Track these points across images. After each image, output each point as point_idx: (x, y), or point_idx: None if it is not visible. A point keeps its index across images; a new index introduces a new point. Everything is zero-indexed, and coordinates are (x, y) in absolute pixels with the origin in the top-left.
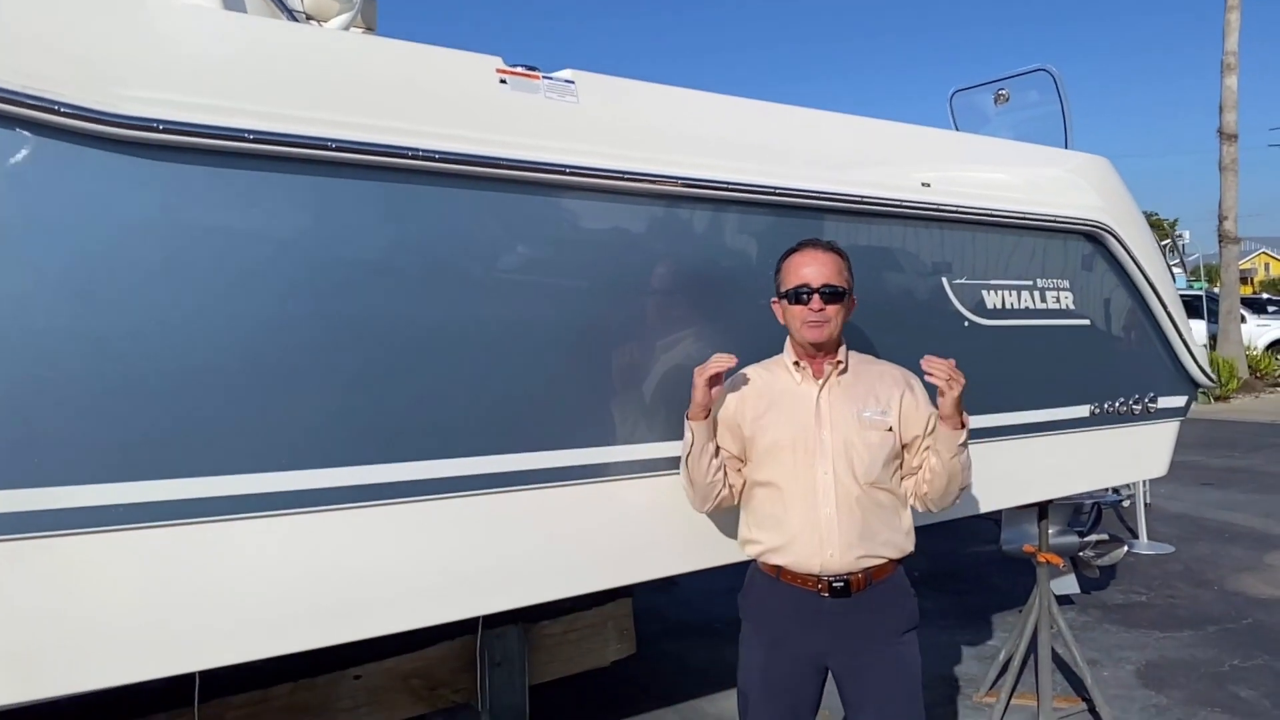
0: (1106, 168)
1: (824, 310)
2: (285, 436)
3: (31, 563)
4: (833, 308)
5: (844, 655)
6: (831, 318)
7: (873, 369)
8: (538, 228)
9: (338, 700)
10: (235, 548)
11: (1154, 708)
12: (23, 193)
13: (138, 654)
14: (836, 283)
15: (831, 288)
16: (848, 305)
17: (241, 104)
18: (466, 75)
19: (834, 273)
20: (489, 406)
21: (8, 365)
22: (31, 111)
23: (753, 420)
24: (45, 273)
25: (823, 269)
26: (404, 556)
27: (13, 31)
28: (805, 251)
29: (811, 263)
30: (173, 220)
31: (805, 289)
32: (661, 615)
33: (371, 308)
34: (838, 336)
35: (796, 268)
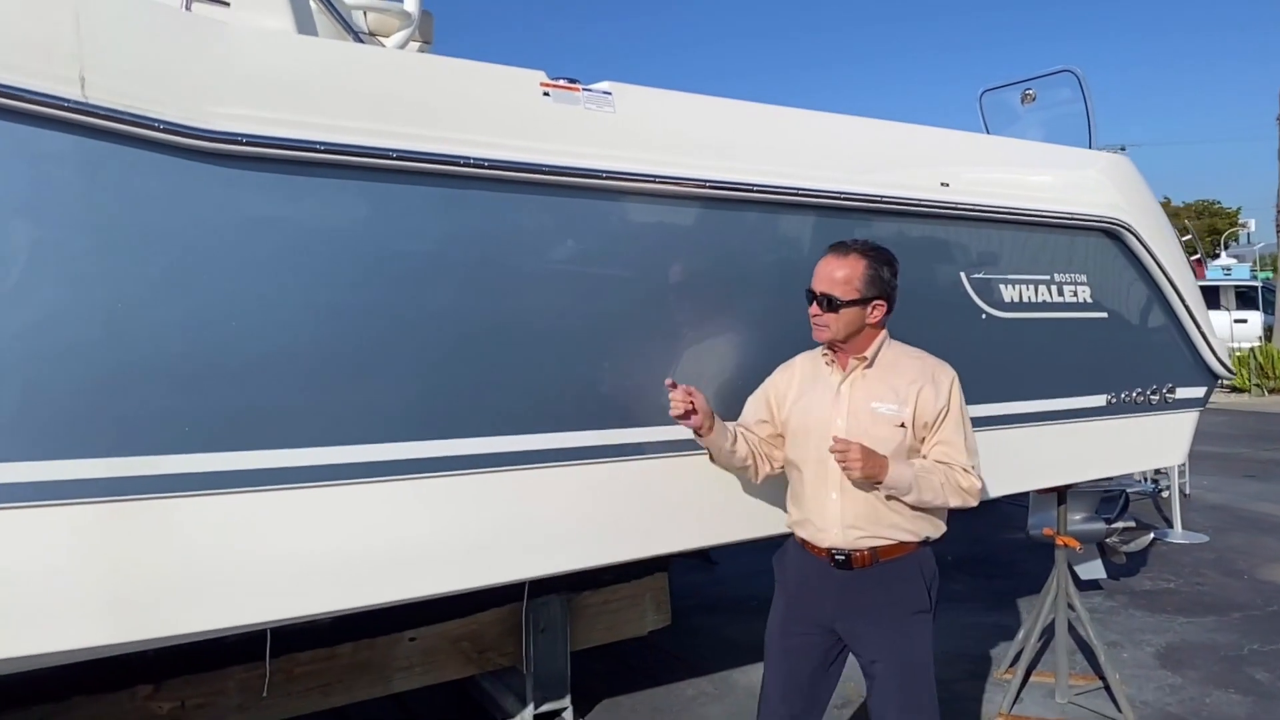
0: (1126, 166)
1: (821, 316)
2: (351, 416)
3: (138, 521)
4: (830, 315)
5: (847, 623)
6: (830, 324)
7: (903, 364)
8: (580, 227)
9: (394, 659)
10: (326, 510)
11: (1169, 687)
12: (130, 200)
13: (229, 604)
14: (834, 292)
15: (827, 296)
16: (859, 311)
17: (313, 118)
18: (513, 89)
19: (837, 281)
20: (536, 391)
21: (120, 353)
22: (134, 128)
23: (791, 403)
24: (148, 268)
25: (828, 276)
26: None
27: (117, 60)
28: (826, 256)
29: (823, 268)
30: (257, 222)
31: (810, 292)
32: (700, 593)
33: (430, 301)
34: (858, 336)
35: (815, 269)
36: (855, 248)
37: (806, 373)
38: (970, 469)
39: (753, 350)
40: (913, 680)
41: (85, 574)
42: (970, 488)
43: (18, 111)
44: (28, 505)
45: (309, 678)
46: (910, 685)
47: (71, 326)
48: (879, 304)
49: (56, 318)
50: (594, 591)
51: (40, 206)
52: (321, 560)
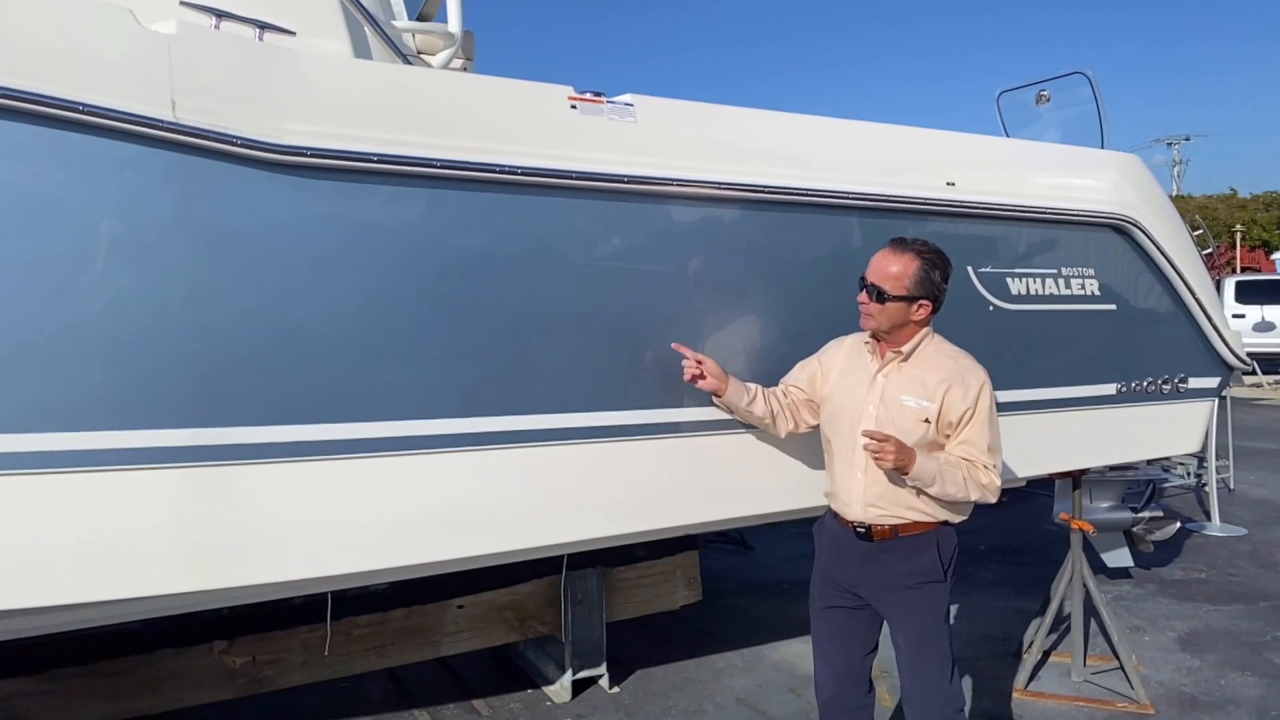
0: (1136, 165)
1: (868, 305)
2: (402, 395)
3: (216, 484)
4: (876, 306)
5: (869, 590)
6: (875, 314)
7: (937, 362)
8: (607, 227)
9: (443, 625)
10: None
11: (1186, 669)
12: (213, 205)
13: (293, 558)
14: (884, 285)
15: (876, 287)
16: (904, 308)
17: (369, 132)
18: (543, 103)
19: (889, 275)
20: (573, 374)
21: (202, 340)
22: (216, 144)
23: (835, 380)
24: (228, 265)
25: (882, 269)
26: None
27: (201, 85)
28: (884, 249)
29: (878, 261)
30: (321, 223)
31: (861, 280)
32: (735, 575)
33: (474, 292)
34: (901, 330)
35: (871, 260)
36: (912, 247)
37: (851, 355)
38: (990, 467)
39: (766, 335)
40: (923, 644)
41: (171, 529)
42: (989, 484)
43: (120, 131)
44: (125, 468)
45: (365, 639)
46: (921, 649)
47: (162, 317)
48: (924, 304)
49: (151, 309)
50: (628, 567)
51: (138, 211)
52: (382, 521)
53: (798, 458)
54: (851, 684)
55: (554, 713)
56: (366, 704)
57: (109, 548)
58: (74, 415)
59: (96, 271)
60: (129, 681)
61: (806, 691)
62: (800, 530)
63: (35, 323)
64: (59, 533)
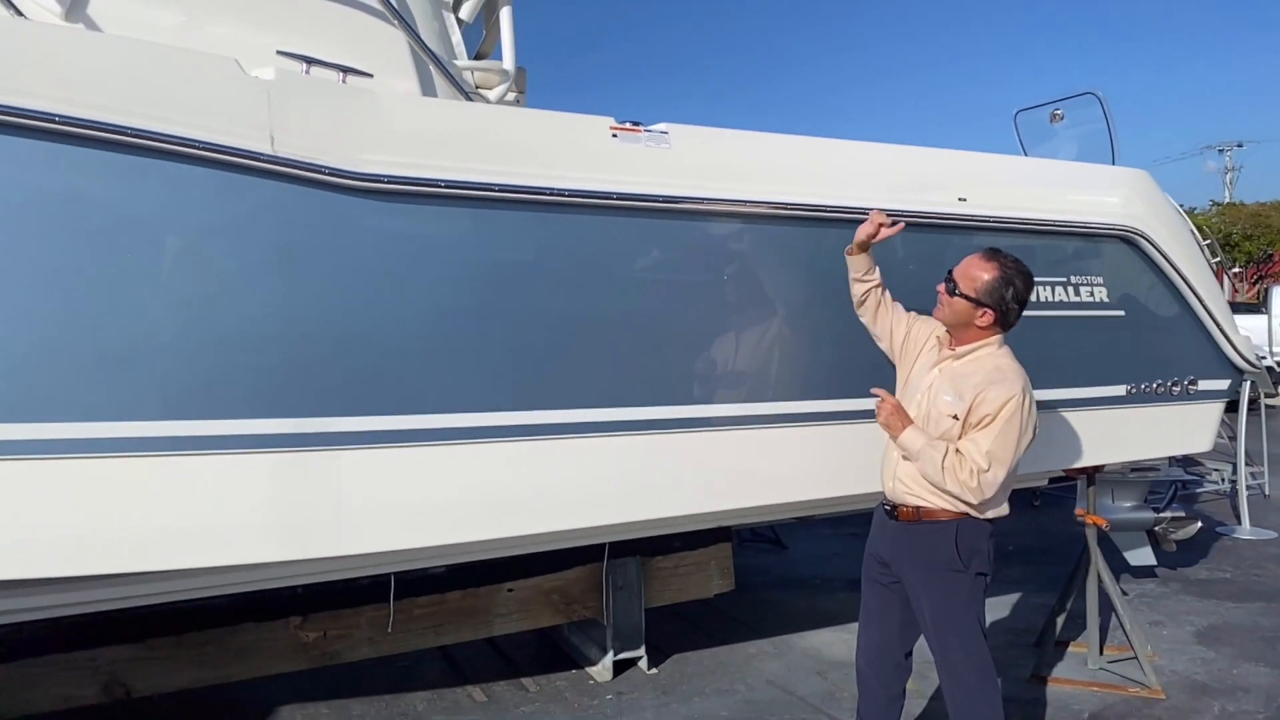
0: (1144, 180)
1: (942, 294)
2: (470, 391)
3: (308, 467)
4: (947, 297)
5: (898, 564)
6: (944, 305)
7: (982, 369)
8: (644, 241)
9: (495, 607)
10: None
11: (1200, 660)
12: (304, 225)
13: (374, 532)
14: (962, 283)
15: (953, 280)
16: (969, 309)
17: (436, 161)
18: (587, 132)
19: (969, 276)
20: (611, 373)
21: (294, 342)
22: (307, 173)
23: (913, 356)
24: (315, 277)
25: (964, 267)
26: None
27: (295, 123)
28: (978, 252)
29: (966, 259)
30: (396, 240)
31: (948, 270)
32: (769, 571)
33: (528, 300)
34: (964, 330)
35: (964, 258)
36: (998, 258)
37: (931, 340)
38: (980, 470)
39: (789, 339)
40: (941, 630)
41: (267, 506)
42: (967, 482)
43: (228, 163)
44: (225, 453)
45: (424, 619)
46: (944, 629)
47: (261, 322)
48: (987, 313)
49: (251, 314)
50: (665, 556)
51: (243, 232)
52: (447, 502)
53: (813, 451)
54: (884, 655)
55: (596, 690)
56: (424, 681)
57: (216, 522)
58: (186, 406)
59: (208, 283)
60: (214, 651)
61: (833, 675)
62: (833, 531)
63: (158, 326)
64: (176, 508)
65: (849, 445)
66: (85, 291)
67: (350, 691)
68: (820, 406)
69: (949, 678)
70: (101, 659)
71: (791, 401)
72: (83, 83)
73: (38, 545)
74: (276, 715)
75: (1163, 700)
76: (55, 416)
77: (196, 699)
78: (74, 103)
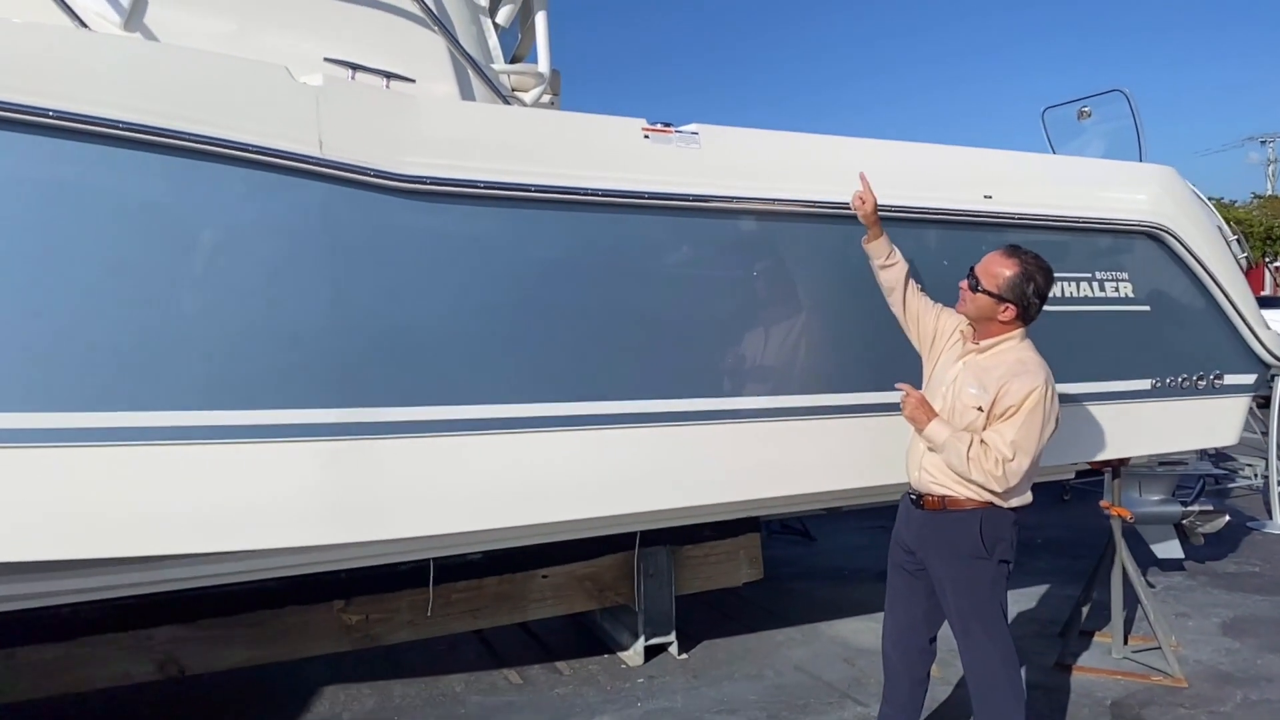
0: (1171, 176)
1: (964, 290)
2: (505, 382)
3: (356, 455)
4: (969, 294)
5: (923, 551)
6: (967, 300)
7: (1005, 363)
8: (675, 238)
9: (530, 592)
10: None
11: (1225, 650)
12: (350, 223)
13: (418, 516)
14: (984, 280)
15: (975, 277)
16: (992, 304)
17: (475, 163)
18: (620, 134)
19: (991, 273)
20: (642, 365)
21: (342, 335)
22: (353, 174)
23: (933, 348)
24: (362, 272)
25: (986, 264)
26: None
27: (342, 127)
28: (998, 249)
29: (988, 257)
30: (437, 237)
31: (970, 267)
32: (798, 563)
33: (562, 295)
34: (986, 324)
35: (985, 255)
36: (1019, 255)
37: (955, 334)
38: (1004, 459)
39: (815, 332)
40: (964, 616)
41: (317, 492)
42: (992, 471)
43: (279, 165)
44: (269, 442)
45: (462, 603)
46: (967, 614)
47: (311, 316)
48: (1009, 308)
49: (303, 309)
50: (695, 545)
51: (294, 231)
52: (485, 489)
53: (839, 443)
54: (909, 639)
55: (628, 674)
56: (462, 663)
57: (269, 506)
58: (243, 396)
59: (261, 280)
60: (263, 632)
61: (860, 662)
62: (860, 524)
63: (218, 322)
64: (233, 492)
65: (874, 437)
66: (157, 291)
67: (391, 673)
68: (846, 399)
69: (972, 662)
70: (157, 638)
71: (818, 394)
72: (143, 90)
73: (107, 526)
74: (320, 695)
75: (1185, 689)
76: (127, 406)
77: (245, 679)
78: (135, 109)
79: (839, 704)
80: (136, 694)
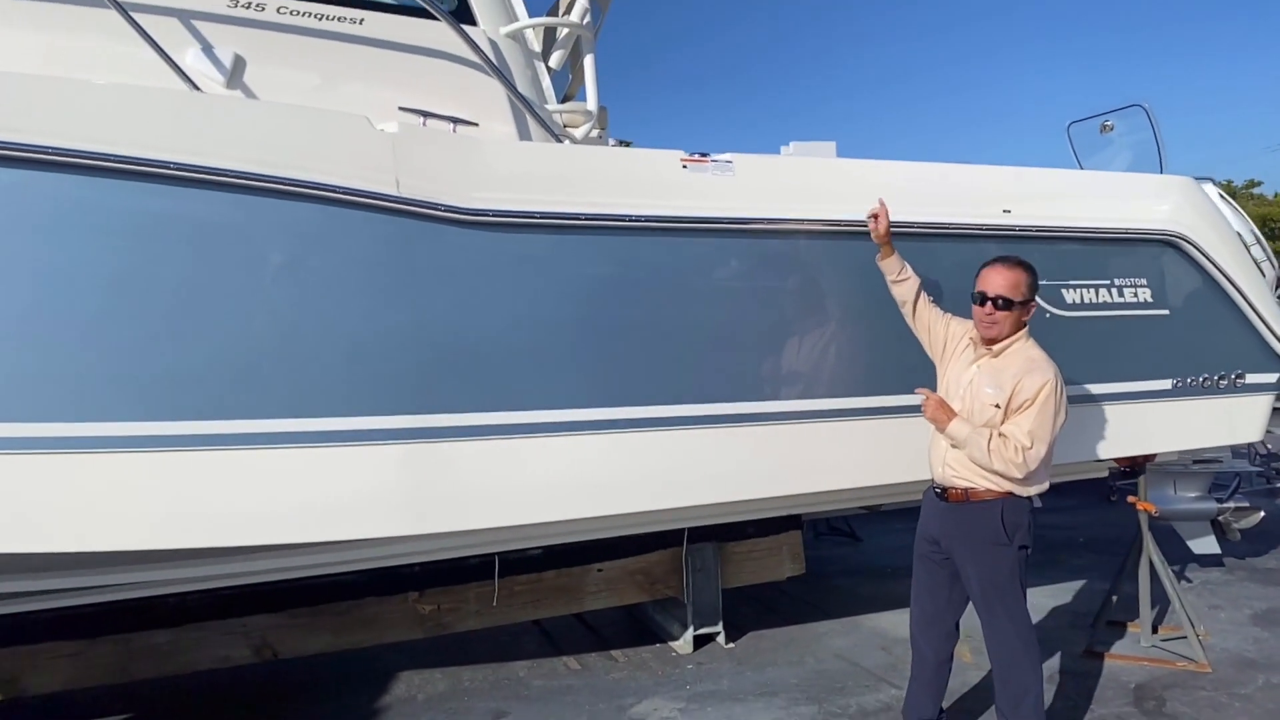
0: (1189, 186)
1: (994, 315)
2: (559, 390)
3: (429, 456)
4: (1001, 314)
5: (948, 542)
6: (1000, 321)
7: (1016, 360)
8: (713, 257)
9: (586, 585)
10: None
11: (1253, 639)
12: (424, 253)
13: (486, 510)
14: (1010, 295)
15: (1004, 299)
16: (1020, 312)
17: (533, 195)
18: (661, 165)
19: (1009, 286)
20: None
21: (417, 351)
22: (426, 210)
23: (944, 355)
24: (434, 296)
25: (1001, 282)
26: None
27: (415, 167)
28: (994, 265)
29: (993, 275)
30: (501, 263)
31: (982, 295)
32: (844, 560)
33: (611, 311)
34: (1010, 331)
35: (984, 277)
36: (1012, 261)
37: (965, 342)
38: (1023, 448)
39: (842, 339)
40: (988, 599)
41: (397, 488)
42: (1014, 459)
43: (361, 204)
44: (356, 445)
45: (524, 595)
46: (991, 598)
47: (388, 336)
48: (1032, 305)
49: (383, 328)
50: (740, 542)
51: (376, 259)
52: (550, 484)
53: (869, 443)
54: (934, 624)
55: (678, 661)
56: (524, 651)
57: (355, 502)
58: (334, 404)
59: (347, 303)
60: (344, 621)
61: (897, 650)
62: (904, 525)
63: (317, 341)
64: (327, 489)
65: (897, 437)
66: (268, 315)
67: (460, 659)
68: (872, 402)
69: (994, 641)
70: (253, 625)
71: (846, 398)
72: (248, 142)
73: (225, 519)
74: (396, 679)
75: (1209, 674)
76: (241, 415)
77: (330, 663)
78: (244, 160)
79: (875, 687)
80: (235, 676)
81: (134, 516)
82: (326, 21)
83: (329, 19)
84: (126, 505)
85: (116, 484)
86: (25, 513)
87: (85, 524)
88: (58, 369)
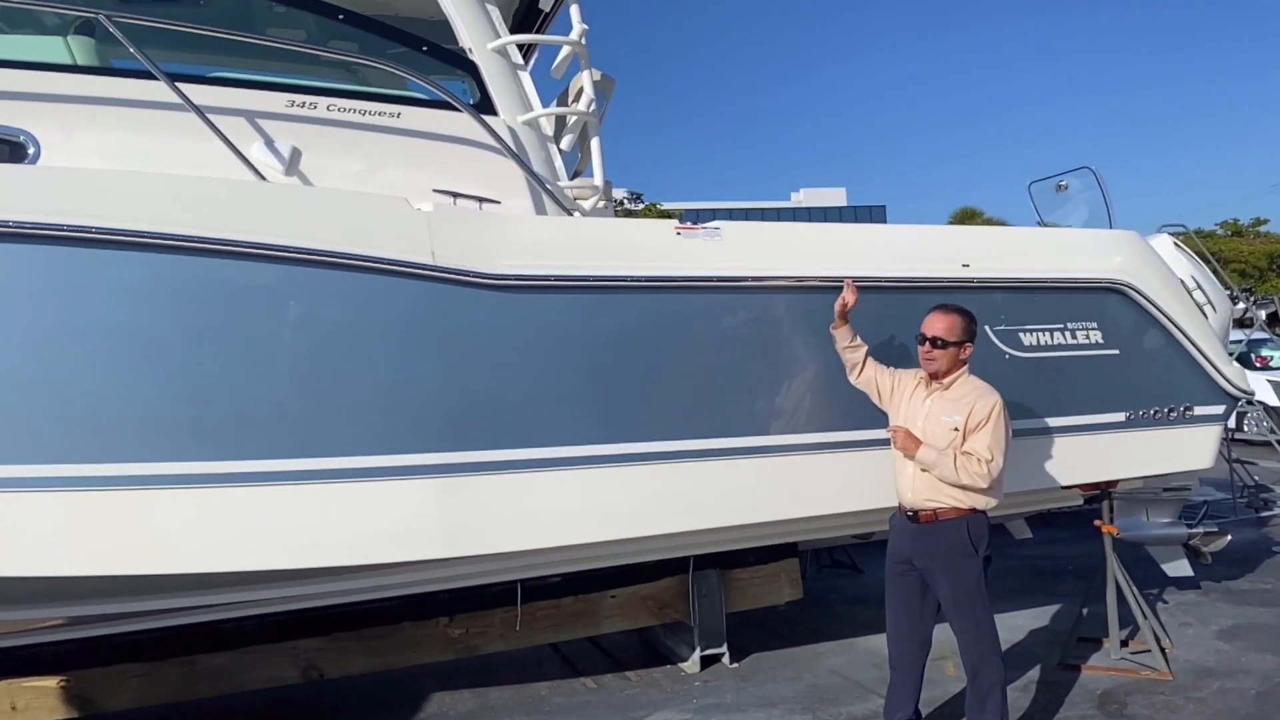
0: (1133, 239)
1: (931, 353)
2: (573, 428)
3: (459, 490)
4: (939, 351)
5: (921, 559)
6: (937, 359)
7: (964, 390)
8: (702, 313)
9: (601, 610)
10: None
11: (1214, 651)
12: (455, 314)
13: (511, 536)
14: (945, 336)
15: (941, 340)
16: (956, 351)
17: (549, 261)
18: (657, 233)
19: (945, 329)
20: (683, 411)
21: (446, 398)
22: (458, 277)
23: (901, 400)
24: (463, 351)
25: (939, 325)
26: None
27: (449, 240)
28: (935, 311)
29: (934, 319)
30: (522, 322)
31: (923, 336)
32: (846, 590)
33: (617, 360)
34: (948, 368)
35: (926, 320)
36: (954, 307)
37: (913, 386)
38: (984, 461)
39: (818, 382)
40: (959, 604)
41: (429, 519)
42: (977, 471)
43: (402, 273)
44: (397, 479)
45: (544, 619)
46: (962, 605)
47: (421, 384)
48: (968, 346)
49: (414, 381)
50: (742, 569)
51: (415, 319)
52: (567, 511)
53: (851, 472)
54: (909, 636)
55: (686, 679)
56: (545, 673)
57: (395, 528)
58: (374, 444)
59: (391, 355)
60: (383, 644)
61: (888, 666)
62: None
63: (363, 391)
64: (368, 518)
65: (877, 466)
66: (323, 371)
67: (487, 680)
68: (852, 436)
69: (965, 643)
70: (301, 648)
71: (830, 432)
72: (308, 223)
73: (276, 545)
74: (429, 698)
75: (1169, 681)
76: (299, 453)
77: (370, 684)
78: (305, 237)
79: (864, 698)
80: (279, 696)
81: (220, 541)
82: (369, 116)
83: (371, 114)
84: (220, 532)
85: (216, 514)
86: (159, 540)
87: (187, 547)
88: (155, 416)
